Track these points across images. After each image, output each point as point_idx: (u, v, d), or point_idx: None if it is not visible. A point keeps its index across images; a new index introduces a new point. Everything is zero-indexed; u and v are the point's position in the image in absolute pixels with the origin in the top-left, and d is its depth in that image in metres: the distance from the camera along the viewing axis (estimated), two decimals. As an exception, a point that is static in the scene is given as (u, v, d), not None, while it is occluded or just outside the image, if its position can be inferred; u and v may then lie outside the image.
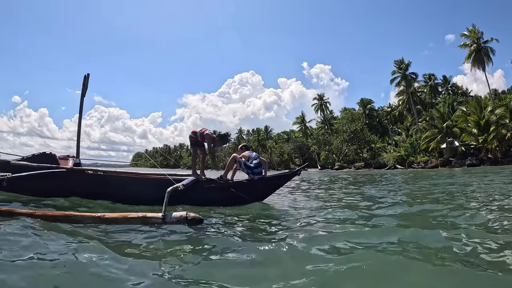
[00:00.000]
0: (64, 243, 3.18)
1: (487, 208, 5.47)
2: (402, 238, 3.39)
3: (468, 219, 4.48)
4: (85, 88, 7.35)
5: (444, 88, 58.90)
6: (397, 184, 13.23)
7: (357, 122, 57.70)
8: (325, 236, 3.57)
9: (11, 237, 3.27)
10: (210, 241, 3.49)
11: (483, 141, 38.75)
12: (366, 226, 4.18)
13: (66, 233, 3.63)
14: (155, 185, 6.43)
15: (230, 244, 3.35)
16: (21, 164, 6.70)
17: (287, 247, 3.09)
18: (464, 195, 7.96)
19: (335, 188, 11.97)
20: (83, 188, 6.42)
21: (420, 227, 3.94)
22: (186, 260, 2.83)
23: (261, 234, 3.95)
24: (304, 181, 16.61)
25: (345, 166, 54.56)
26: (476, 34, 43.98)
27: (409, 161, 45.34)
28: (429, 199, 7.44)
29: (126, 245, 3.29)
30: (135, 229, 3.98)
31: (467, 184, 11.45)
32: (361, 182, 16.03)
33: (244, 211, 5.72)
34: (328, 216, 5.10)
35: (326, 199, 8.03)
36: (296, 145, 70.38)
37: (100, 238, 3.49)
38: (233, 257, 2.94)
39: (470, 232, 3.63)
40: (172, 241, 3.54)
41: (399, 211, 5.42)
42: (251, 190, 6.61)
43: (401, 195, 8.54)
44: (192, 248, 3.26)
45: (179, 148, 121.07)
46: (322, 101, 72.90)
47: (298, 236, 3.56)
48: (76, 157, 7.15)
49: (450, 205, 6.05)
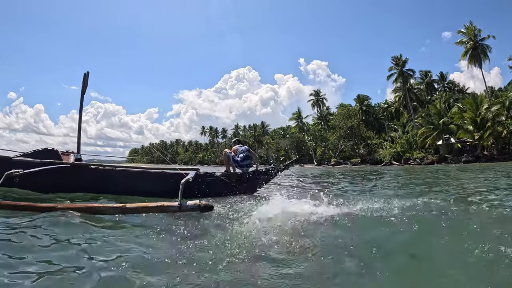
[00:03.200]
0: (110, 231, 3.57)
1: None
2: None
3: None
4: (85, 86, 7.79)
5: (440, 85, 59.07)
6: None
7: (353, 118, 57.73)
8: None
9: (55, 228, 3.54)
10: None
11: (479, 138, 38.95)
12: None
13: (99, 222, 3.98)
14: (160, 179, 6.98)
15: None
16: (24, 160, 6.61)
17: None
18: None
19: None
20: (88, 182, 6.58)
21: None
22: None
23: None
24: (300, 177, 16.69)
25: (342, 162, 54.64)
26: (473, 31, 43.96)
27: (405, 157, 45.44)
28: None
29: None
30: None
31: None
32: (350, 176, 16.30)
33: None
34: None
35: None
36: (293, 141, 70.40)
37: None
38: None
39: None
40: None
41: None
42: (243, 183, 7.24)
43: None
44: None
45: (176, 144, 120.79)
46: (318, 97, 72.93)
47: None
48: (77, 152, 7.27)
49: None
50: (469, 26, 44.51)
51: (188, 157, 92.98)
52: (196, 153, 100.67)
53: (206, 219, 4.32)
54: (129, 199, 5.78)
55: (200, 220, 4.27)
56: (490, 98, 42.26)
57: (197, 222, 4.19)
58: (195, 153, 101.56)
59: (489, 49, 43.52)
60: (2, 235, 3.23)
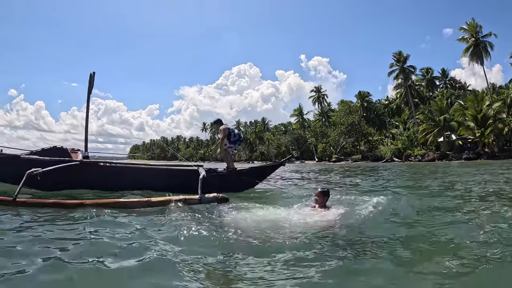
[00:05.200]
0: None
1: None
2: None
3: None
4: (91, 85, 7.95)
5: (442, 81, 58.92)
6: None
7: (354, 114, 57.73)
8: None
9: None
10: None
11: (480, 135, 38.95)
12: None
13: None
14: (170, 175, 7.24)
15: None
16: (33, 159, 6.64)
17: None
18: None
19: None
20: (98, 179, 6.71)
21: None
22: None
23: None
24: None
25: (342, 159, 54.75)
26: (475, 28, 43.81)
27: (406, 154, 45.52)
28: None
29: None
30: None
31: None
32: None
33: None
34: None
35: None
36: (294, 137, 70.48)
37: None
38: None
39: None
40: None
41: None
42: (241, 179, 7.36)
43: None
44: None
45: (176, 140, 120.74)
46: (319, 93, 72.78)
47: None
48: (84, 150, 7.41)
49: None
50: (471, 23, 44.35)
51: (189, 153, 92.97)
52: (197, 150, 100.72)
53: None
54: (138, 195, 6.07)
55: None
56: (491, 95, 42.23)
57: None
58: (196, 149, 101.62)
59: (491, 46, 43.44)
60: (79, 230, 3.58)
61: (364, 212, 4.34)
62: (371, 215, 4.25)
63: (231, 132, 7.61)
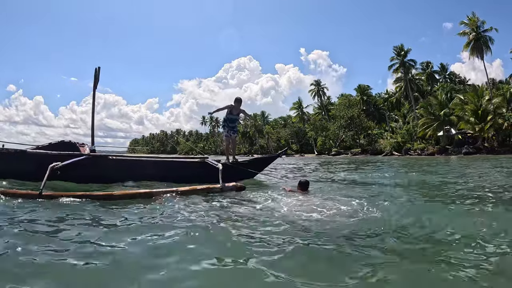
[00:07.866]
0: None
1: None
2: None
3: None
4: (96, 80, 7.92)
5: (442, 76, 58.86)
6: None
7: (354, 108, 57.78)
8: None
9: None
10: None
11: (479, 130, 39.07)
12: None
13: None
14: (179, 167, 7.48)
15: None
16: (41, 153, 6.69)
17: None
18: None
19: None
20: (109, 172, 6.79)
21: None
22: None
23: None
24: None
25: (342, 152, 54.96)
26: (476, 22, 43.65)
27: (405, 148, 45.72)
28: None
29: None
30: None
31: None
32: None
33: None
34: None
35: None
36: (293, 130, 70.59)
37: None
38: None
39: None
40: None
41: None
42: (240, 171, 7.57)
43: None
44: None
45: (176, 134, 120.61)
46: (319, 87, 72.60)
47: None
48: (91, 144, 7.47)
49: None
50: (471, 17, 44.16)
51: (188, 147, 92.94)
52: (197, 143, 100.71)
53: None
54: (148, 186, 6.28)
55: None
56: (491, 90, 42.28)
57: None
58: (196, 143, 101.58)
59: (492, 40, 43.29)
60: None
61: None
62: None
63: (231, 112, 8.06)
